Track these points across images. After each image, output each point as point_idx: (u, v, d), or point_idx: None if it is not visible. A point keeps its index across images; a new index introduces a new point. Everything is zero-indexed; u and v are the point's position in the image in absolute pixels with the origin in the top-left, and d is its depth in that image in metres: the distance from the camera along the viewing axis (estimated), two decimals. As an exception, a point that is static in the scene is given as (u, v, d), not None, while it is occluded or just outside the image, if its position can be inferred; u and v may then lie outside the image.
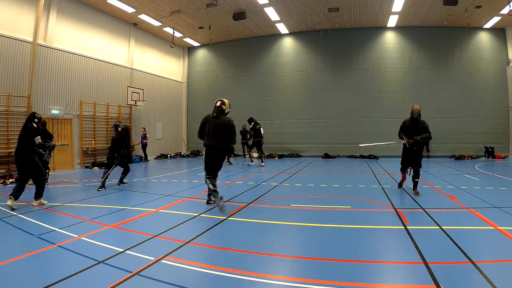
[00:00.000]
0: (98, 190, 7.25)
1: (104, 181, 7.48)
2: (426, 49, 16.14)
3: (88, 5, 12.98)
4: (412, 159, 6.42)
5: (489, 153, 14.67)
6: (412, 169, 6.44)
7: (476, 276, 2.72)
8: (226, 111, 5.87)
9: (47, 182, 8.56)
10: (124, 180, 8.16)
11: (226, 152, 5.68)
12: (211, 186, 5.37)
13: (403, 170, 6.87)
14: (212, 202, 5.62)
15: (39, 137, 5.85)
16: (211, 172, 5.54)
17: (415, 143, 6.30)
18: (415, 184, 6.42)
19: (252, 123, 13.12)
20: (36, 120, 5.91)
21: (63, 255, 3.36)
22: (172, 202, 5.98)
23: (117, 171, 8.34)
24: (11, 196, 5.44)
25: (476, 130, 15.29)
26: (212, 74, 19.45)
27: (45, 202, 5.85)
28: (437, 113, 15.50)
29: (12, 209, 5.31)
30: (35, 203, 5.71)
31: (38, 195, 5.76)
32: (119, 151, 7.79)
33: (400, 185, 7.20)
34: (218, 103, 5.81)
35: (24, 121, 10.54)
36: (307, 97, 17.29)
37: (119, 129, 8.25)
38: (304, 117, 17.30)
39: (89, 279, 2.76)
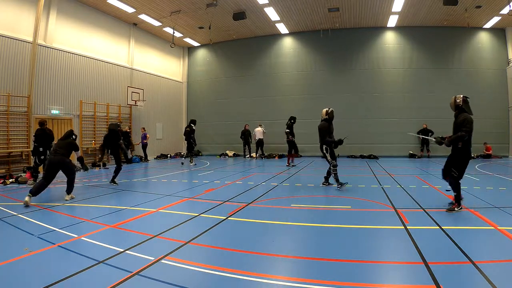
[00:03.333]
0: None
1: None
2: (426, 49, 16.13)
3: (88, 5, 12.98)
4: (448, 165, 5.19)
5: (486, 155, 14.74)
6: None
7: (476, 276, 2.72)
8: (322, 118, 7.41)
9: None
10: (115, 180, 8.19)
11: (322, 148, 7.26)
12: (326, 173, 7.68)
13: (443, 177, 5.31)
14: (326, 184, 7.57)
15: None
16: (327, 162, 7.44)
17: (451, 146, 5.09)
18: (454, 198, 4.93)
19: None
20: (74, 137, 6.66)
21: (63, 255, 3.36)
22: (172, 202, 5.98)
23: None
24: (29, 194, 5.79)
25: (476, 130, 15.13)
26: (212, 74, 19.45)
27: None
28: (437, 113, 15.48)
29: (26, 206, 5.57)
30: (67, 197, 6.26)
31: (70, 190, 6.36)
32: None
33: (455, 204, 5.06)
34: None
35: (25, 121, 10.64)
36: (307, 97, 17.28)
37: (118, 128, 8.36)
38: (304, 117, 17.23)
39: (89, 279, 2.76)
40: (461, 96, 5.14)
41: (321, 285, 2.63)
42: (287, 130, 12.16)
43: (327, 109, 7.47)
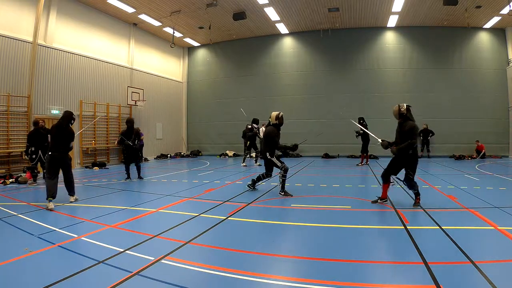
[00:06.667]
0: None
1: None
2: (426, 49, 16.13)
3: (88, 5, 12.97)
4: (395, 168, 5.45)
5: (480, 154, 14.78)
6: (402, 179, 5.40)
7: (476, 276, 2.72)
8: (271, 123, 7.00)
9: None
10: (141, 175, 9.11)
11: (265, 154, 6.85)
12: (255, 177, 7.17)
13: (383, 175, 5.59)
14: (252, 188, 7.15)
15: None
16: (265, 170, 7.03)
17: (397, 153, 5.25)
18: (415, 195, 5.42)
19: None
20: (72, 121, 6.11)
21: (63, 255, 3.36)
22: (172, 202, 5.98)
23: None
24: (50, 199, 5.46)
25: (476, 130, 15.29)
26: (212, 74, 19.45)
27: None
28: (437, 113, 15.52)
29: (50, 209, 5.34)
30: (72, 199, 6.07)
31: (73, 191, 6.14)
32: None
33: (378, 199, 5.69)
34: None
35: (25, 121, 10.63)
36: (307, 97, 17.29)
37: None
38: (304, 117, 17.29)
39: (89, 279, 2.76)
40: (405, 104, 5.33)
41: (321, 285, 2.62)
42: (361, 131, 12.17)
43: (278, 113, 6.89)
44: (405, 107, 5.29)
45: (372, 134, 6.40)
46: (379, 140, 5.67)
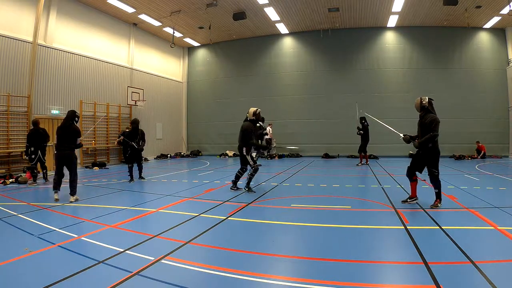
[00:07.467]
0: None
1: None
2: (426, 49, 16.14)
3: (88, 5, 12.97)
4: (418, 164, 5.40)
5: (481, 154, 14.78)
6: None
7: (476, 276, 2.72)
8: (248, 118, 7.00)
9: (47, 181, 8.59)
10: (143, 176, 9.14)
11: (242, 149, 6.87)
12: (234, 177, 7.13)
13: (408, 175, 5.58)
14: (235, 188, 7.07)
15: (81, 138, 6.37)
16: (240, 164, 7.05)
17: (419, 147, 5.24)
18: (436, 195, 5.28)
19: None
20: (76, 119, 6.27)
21: (63, 255, 3.36)
22: (172, 202, 5.98)
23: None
24: (55, 190, 6.02)
25: (476, 130, 15.30)
26: (212, 74, 19.45)
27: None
28: (437, 113, 15.41)
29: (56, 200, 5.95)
30: (72, 198, 6.07)
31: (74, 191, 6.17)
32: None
33: (407, 199, 5.64)
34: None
35: (25, 121, 10.63)
36: (307, 97, 17.30)
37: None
38: (304, 117, 17.30)
39: (89, 279, 2.76)
40: (427, 97, 5.34)
41: (321, 285, 2.63)
42: (361, 131, 12.30)
43: (256, 109, 7.03)
44: (426, 100, 5.27)
45: (393, 129, 6.33)
46: (401, 135, 5.67)
